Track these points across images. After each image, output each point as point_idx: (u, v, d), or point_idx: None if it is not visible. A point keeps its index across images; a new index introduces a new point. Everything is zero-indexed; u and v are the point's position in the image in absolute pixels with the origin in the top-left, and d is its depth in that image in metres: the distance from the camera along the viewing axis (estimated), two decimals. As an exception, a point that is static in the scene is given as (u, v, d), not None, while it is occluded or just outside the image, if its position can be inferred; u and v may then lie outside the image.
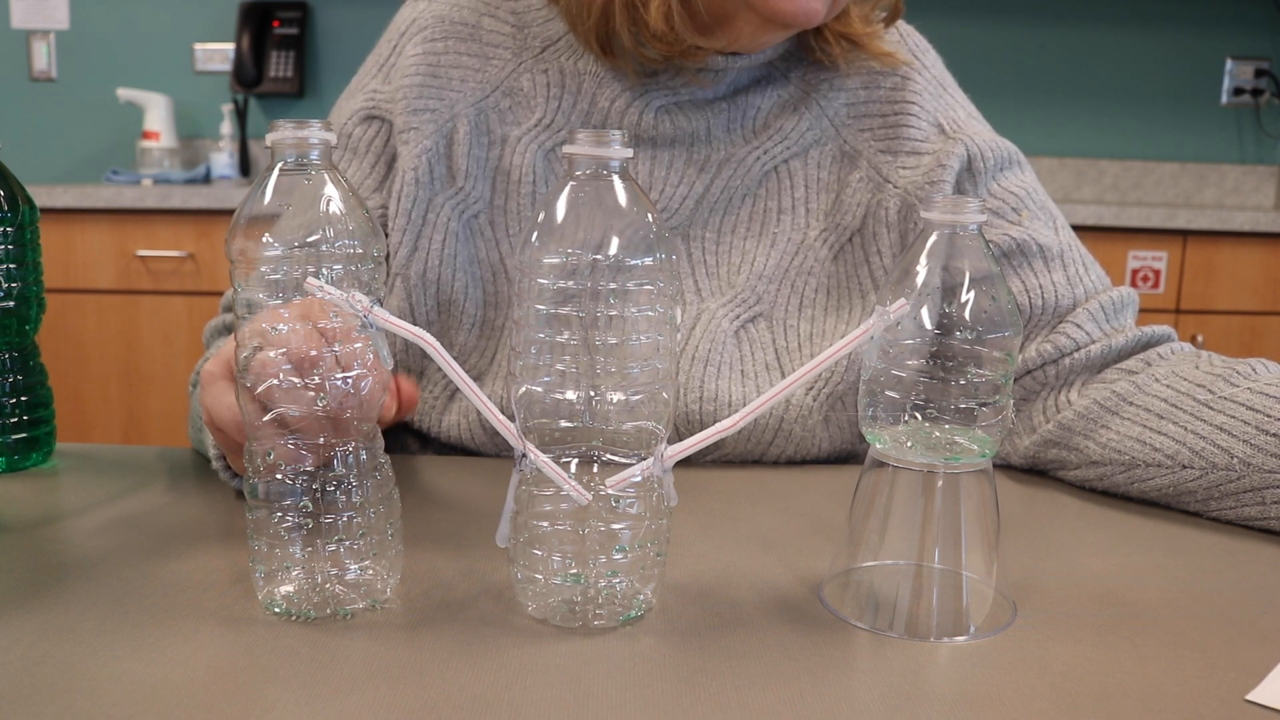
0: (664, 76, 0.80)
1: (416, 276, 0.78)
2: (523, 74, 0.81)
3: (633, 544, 0.48)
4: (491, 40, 0.82)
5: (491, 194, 0.80)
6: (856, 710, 0.41)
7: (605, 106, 0.80)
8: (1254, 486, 0.64)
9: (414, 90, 0.80)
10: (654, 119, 0.80)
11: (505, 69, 0.81)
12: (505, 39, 0.82)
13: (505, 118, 0.81)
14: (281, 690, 0.42)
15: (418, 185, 0.78)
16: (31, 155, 2.86)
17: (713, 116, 0.81)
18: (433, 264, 0.78)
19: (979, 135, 0.81)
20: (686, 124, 0.80)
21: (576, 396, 0.46)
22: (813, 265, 0.81)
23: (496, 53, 0.82)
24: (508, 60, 0.82)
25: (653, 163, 0.81)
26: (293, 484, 0.48)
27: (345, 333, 0.47)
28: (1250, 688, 0.44)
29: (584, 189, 0.46)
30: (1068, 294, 0.77)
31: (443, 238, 0.78)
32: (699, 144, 0.81)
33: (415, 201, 0.78)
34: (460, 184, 0.79)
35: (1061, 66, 2.86)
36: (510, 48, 0.82)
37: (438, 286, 0.78)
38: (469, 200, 0.79)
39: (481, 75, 0.81)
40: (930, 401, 0.47)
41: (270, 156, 0.47)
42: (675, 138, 0.81)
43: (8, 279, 0.70)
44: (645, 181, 0.81)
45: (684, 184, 0.81)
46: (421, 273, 0.78)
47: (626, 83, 0.80)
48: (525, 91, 0.81)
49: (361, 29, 2.85)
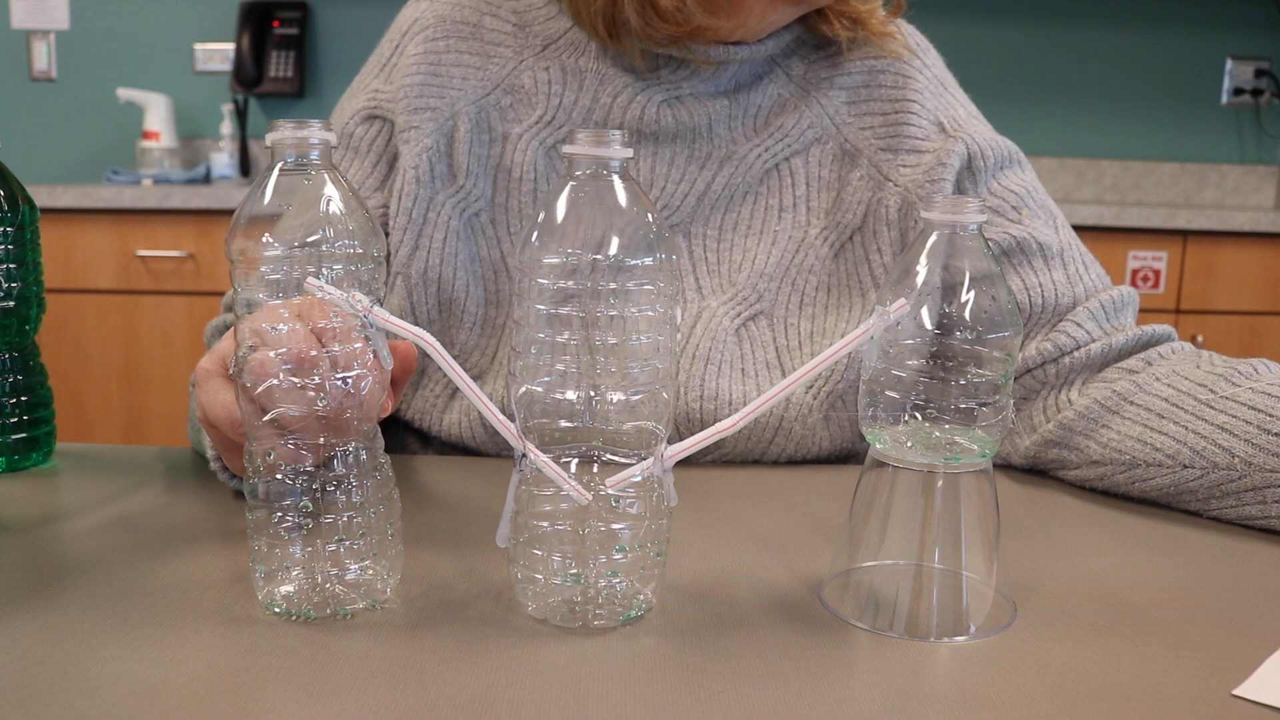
0: (665, 72, 0.80)
1: (418, 275, 0.78)
2: (524, 71, 0.82)
3: (633, 544, 0.48)
4: (493, 39, 0.82)
5: (493, 192, 0.80)
6: (856, 710, 0.41)
7: (607, 103, 0.80)
8: (1255, 486, 0.64)
9: (415, 89, 0.80)
10: (656, 113, 0.80)
11: (506, 67, 0.82)
12: (506, 37, 0.83)
13: (506, 115, 0.81)
14: (282, 690, 0.42)
15: (418, 184, 0.78)
16: (31, 155, 2.86)
17: (714, 112, 0.81)
18: (434, 263, 0.78)
19: (979, 134, 0.82)
20: (688, 119, 0.81)
21: (576, 396, 0.46)
22: (813, 263, 0.81)
23: (498, 51, 0.82)
24: (509, 58, 0.82)
25: (654, 159, 0.81)
26: (292, 484, 0.48)
27: (345, 333, 0.47)
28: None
29: (584, 189, 0.46)
30: (1067, 292, 0.77)
31: (444, 236, 0.78)
32: (701, 140, 0.82)
33: (416, 200, 0.78)
34: (461, 182, 0.79)
35: (1061, 66, 2.86)
36: (511, 46, 0.82)
37: (439, 285, 0.78)
38: (470, 199, 0.80)
39: (482, 73, 0.81)
40: (930, 401, 0.47)
41: (270, 156, 0.47)
42: (677, 133, 0.81)
43: (8, 279, 0.70)
44: (647, 178, 0.81)
45: (685, 181, 0.81)
46: (423, 271, 0.78)
47: (628, 79, 0.80)
48: (526, 89, 0.81)
49: (361, 29, 2.85)
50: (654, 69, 0.80)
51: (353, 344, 0.47)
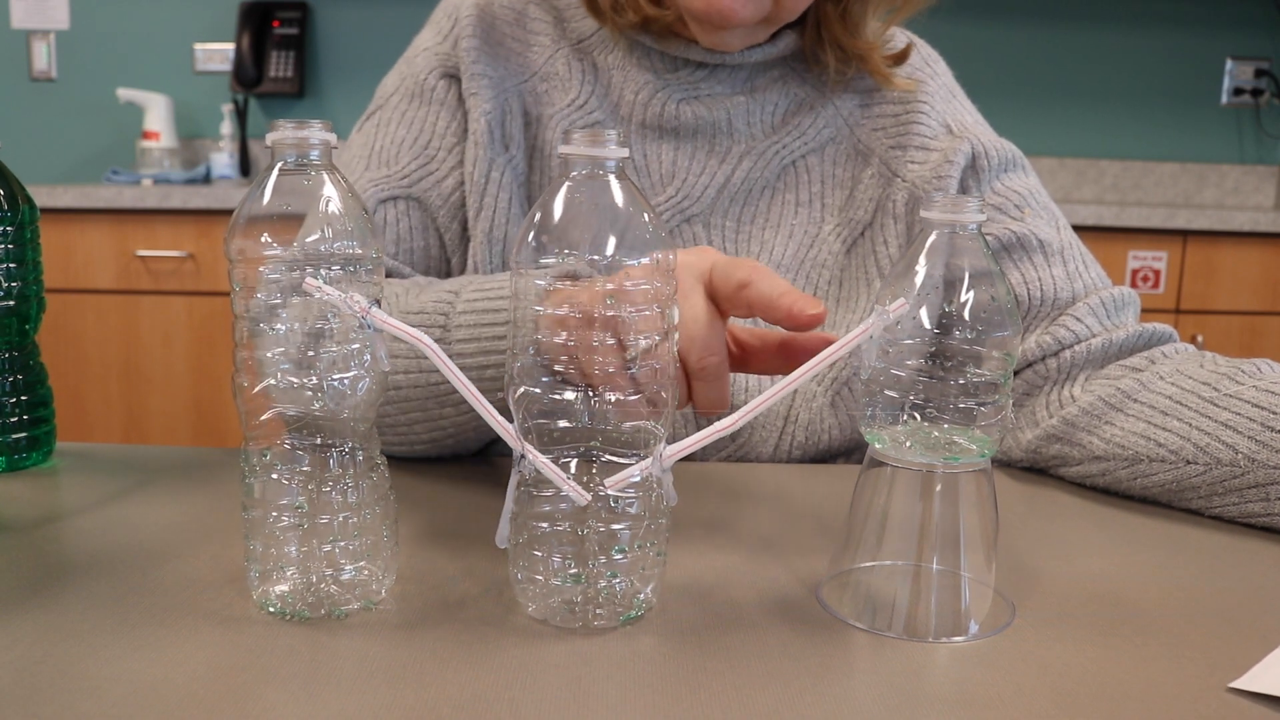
0: (684, 73, 0.84)
1: (483, 235, 0.81)
2: (559, 60, 0.86)
3: (632, 544, 0.48)
4: (534, 28, 0.87)
5: (529, 171, 0.84)
6: (856, 710, 0.41)
7: (631, 98, 0.84)
8: (1258, 483, 0.64)
9: (472, 54, 0.84)
10: (676, 109, 0.83)
11: (544, 55, 0.86)
12: (547, 27, 0.87)
13: (541, 100, 0.85)
14: (282, 690, 0.42)
15: (477, 146, 0.82)
16: (31, 155, 2.86)
17: (733, 109, 0.84)
18: (499, 222, 0.81)
19: (984, 136, 0.84)
20: (709, 115, 0.84)
21: (575, 396, 0.46)
22: (826, 258, 0.83)
23: (538, 40, 0.86)
24: (547, 47, 0.86)
25: (676, 152, 0.84)
26: (289, 484, 0.48)
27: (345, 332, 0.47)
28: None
29: (580, 189, 0.46)
30: (1067, 288, 0.78)
31: (509, 196, 0.81)
32: (721, 136, 0.84)
33: (477, 162, 0.82)
34: (512, 153, 0.83)
35: (1061, 66, 2.86)
36: (550, 35, 0.87)
37: (504, 245, 0.81)
38: (518, 170, 0.83)
39: (524, 59, 0.86)
40: (929, 401, 0.47)
41: (270, 156, 0.47)
42: (698, 128, 0.84)
43: (8, 279, 0.70)
44: (669, 169, 0.84)
45: (706, 173, 0.84)
46: (488, 230, 0.81)
47: (650, 77, 0.84)
48: (561, 75, 0.85)
49: (361, 29, 2.85)
50: (673, 69, 0.84)
51: (350, 344, 0.47)
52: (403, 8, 2.80)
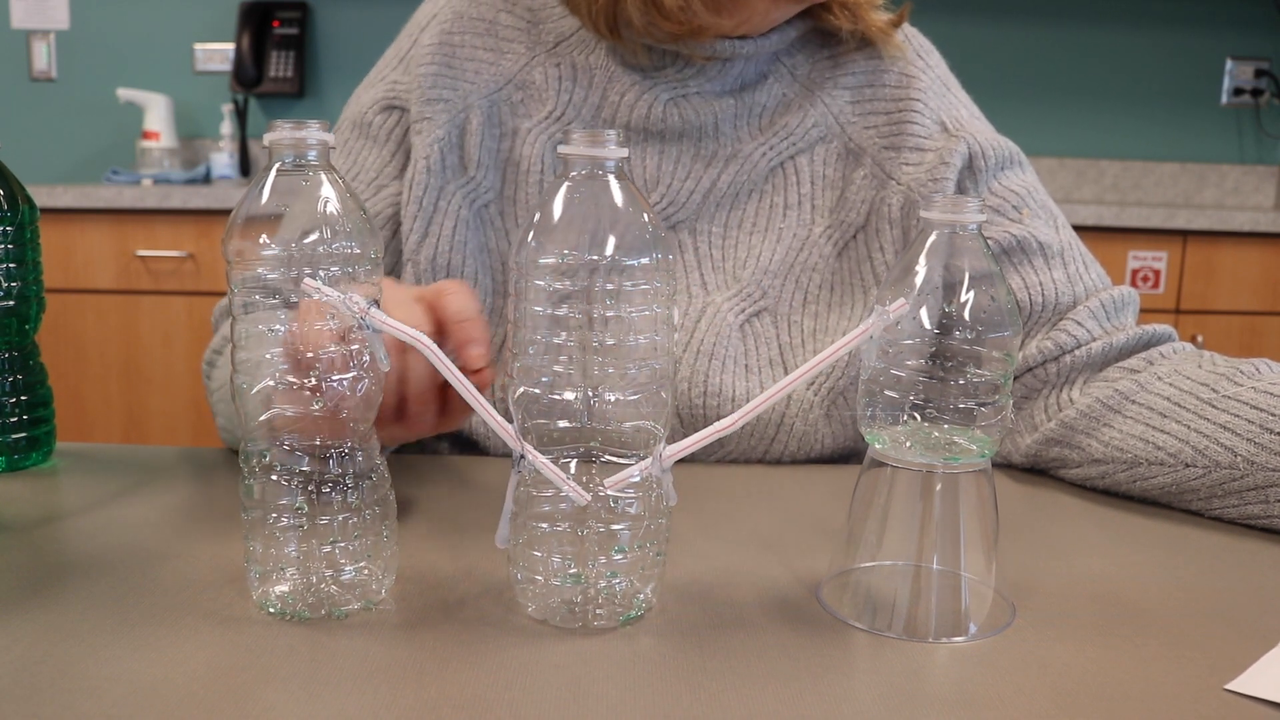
0: (671, 70, 0.81)
1: (426, 262, 0.79)
2: (535, 68, 0.83)
3: (632, 544, 0.48)
4: (506, 35, 0.84)
5: (502, 184, 0.82)
6: (856, 710, 0.41)
7: (615, 100, 0.81)
8: (1258, 485, 0.64)
9: (429, 80, 0.81)
10: (662, 112, 0.81)
11: (519, 62, 0.83)
12: (520, 34, 0.84)
13: (517, 110, 0.83)
14: (282, 690, 0.42)
15: (429, 173, 0.80)
16: (31, 155, 2.86)
17: (720, 111, 0.82)
18: (443, 249, 0.79)
19: (981, 134, 0.82)
20: (695, 117, 0.81)
21: (574, 397, 0.46)
22: (817, 261, 0.81)
23: (511, 47, 0.84)
24: (521, 54, 0.83)
25: (660, 156, 0.82)
26: (288, 485, 0.48)
27: (343, 333, 0.47)
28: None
29: (580, 189, 0.46)
30: (1068, 291, 0.77)
31: (454, 225, 0.79)
32: (707, 138, 0.82)
33: (426, 189, 0.80)
34: (472, 174, 0.81)
35: (1061, 66, 2.86)
36: (524, 42, 0.84)
37: (448, 272, 0.80)
38: (480, 190, 0.81)
39: (495, 68, 0.83)
40: (929, 401, 0.47)
41: (268, 156, 0.47)
42: (684, 131, 0.82)
43: (8, 279, 0.70)
44: (653, 175, 0.82)
45: (691, 178, 0.82)
46: (431, 258, 0.79)
47: (635, 77, 0.81)
48: (538, 85, 0.83)
49: (361, 29, 2.85)
50: (660, 67, 0.81)
51: (349, 345, 0.47)
52: (403, 8, 2.78)
